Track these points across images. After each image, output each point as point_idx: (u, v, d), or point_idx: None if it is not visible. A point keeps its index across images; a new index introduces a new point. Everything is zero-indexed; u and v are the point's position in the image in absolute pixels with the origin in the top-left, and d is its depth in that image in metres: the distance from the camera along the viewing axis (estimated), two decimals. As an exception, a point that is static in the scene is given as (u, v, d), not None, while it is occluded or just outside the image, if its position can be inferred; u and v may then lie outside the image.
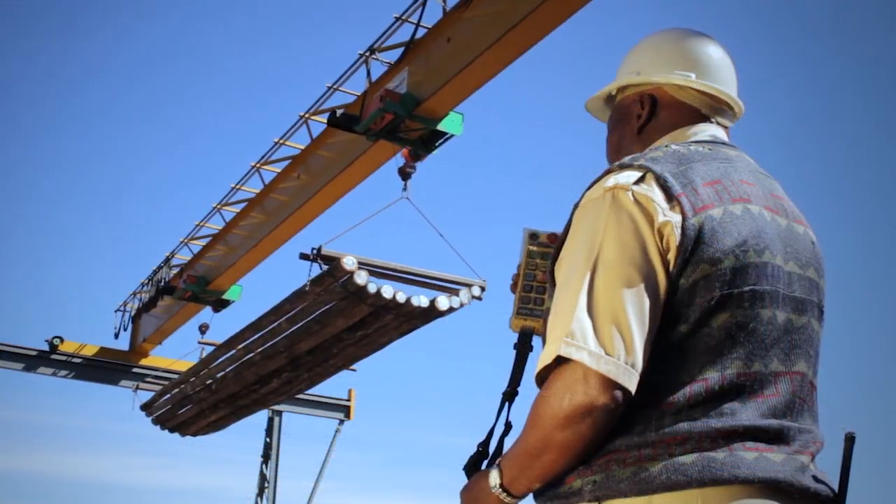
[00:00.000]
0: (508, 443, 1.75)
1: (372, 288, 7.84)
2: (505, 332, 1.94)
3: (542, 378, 1.60)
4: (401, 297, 8.04)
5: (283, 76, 25.49)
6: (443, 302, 8.18)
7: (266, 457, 14.65)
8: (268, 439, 14.67)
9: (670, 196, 1.61)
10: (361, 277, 7.76)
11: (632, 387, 1.53)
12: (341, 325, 8.57)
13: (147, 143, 25.50)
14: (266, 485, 14.46)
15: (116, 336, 13.80)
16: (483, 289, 8.38)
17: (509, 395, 1.86)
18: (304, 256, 8.02)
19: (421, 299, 8.14)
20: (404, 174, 7.99)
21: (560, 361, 1.55)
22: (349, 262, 7.70)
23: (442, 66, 7.18)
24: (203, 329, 12.23)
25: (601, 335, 1.54)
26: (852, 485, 1.61)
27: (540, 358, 1.61)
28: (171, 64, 25.96)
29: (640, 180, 1.63)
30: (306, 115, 8.81)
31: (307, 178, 9.17)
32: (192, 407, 11.66)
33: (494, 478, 1.64)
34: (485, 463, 1.81)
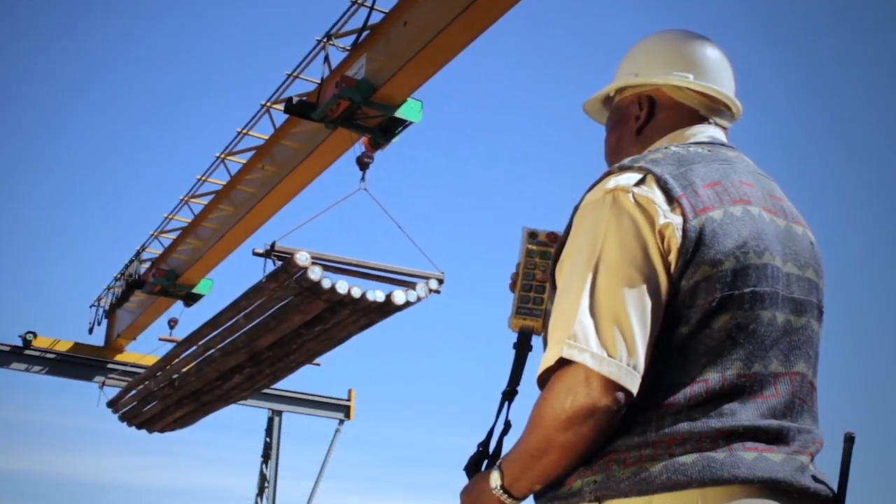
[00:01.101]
0: (508, 442, 1.76)
1: (326, 283, 7.67)
2: (505, 331, 1.94)
3: (544, 380, 1.59)
4: (356, 293, 7.86)
5: (246, 65, 25.34)
6: (399, 296, 7.99)
7: (266, 457, 14.53)
8: (268, 439, 14.56)
9: (671, 198, 1.61)
10: (315, 273, 7.58)
11: (634, 388, 1.53)
12: (298, 320, 8.42)
13: (125, 134, 25.42)
14: (266, 485, 14.34)
15: (90, 331, 13.65)
16: (441, 281, 8.18)
17: (509, 395, 1.87)
18: (257, 253, 7.85)
19: (377, 294, 7.95)
20: (362, 164, 7.80)
21: (562, 363, 1.55)
22: (302, 258, 7.52)
23: (399, 52, 7.01)
24: (172, 324, 12.04)
25: (603, 337, 1.53)
26: (852, 485, 1.62)
27: (542, 360, 1.61)
28: (143, 57, 25.87)
29: (641, 182, 1.63)
30: (268, 104, 8.62)
31: (273, 169, 9.00)
32: (157, 404, 11.53)
33: (495, 479, 1.64)
34: (485, 463, 1.80)
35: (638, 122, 1.90)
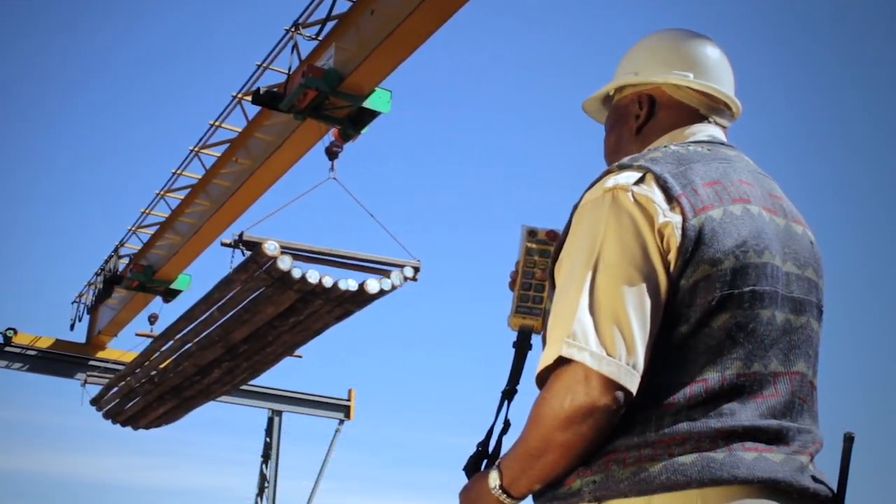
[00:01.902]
0: (508, 441, 1.75)
1: (297, 273, 7.59)
2: (504, 329, 1.93)
3: (543, 379, 1.59)
4: (327, 282, 7.79)
5: (220, 56, 25.23)
6: (372, 285, 7.92)
7: (266, 457, 14.54)
8: (268, 439, 14.56)
9: (670, 197, 1.61)
10: (285, 262, 7.51)
11: (633, 388, 1.53)
12: (272, 312, 8.35)
13: (112, 126, 25.28)
14: (266, 485, 14.35)
15: (72, 328, 13.58)
16: (417, 269, 8.11)
17: (508, 394, 1.86)
18: (225, 244, 7.78)
19: (349, 283, 7.88)
20: (331, 153, 7.77)
21: (561, 362, 1.55)
22: (270, 248, 7.46)
23: (367, 41, 6.95)
24: (152, 320, 11.99)
25: (602, 336, 1.53)
26: (852, 485, 1.61)
27: (541, 359, 1.61)
28: (130, 51, 25.74)
29: (640, 181, 1.63)
30: (239, 96, 8.57)
31: (247, 162, 8.94)
32: (139, 400, 11.45)
33: (494, 479, 1.63)
34: (484, 462, 1.80)
35: (638, 121, 1.89)
